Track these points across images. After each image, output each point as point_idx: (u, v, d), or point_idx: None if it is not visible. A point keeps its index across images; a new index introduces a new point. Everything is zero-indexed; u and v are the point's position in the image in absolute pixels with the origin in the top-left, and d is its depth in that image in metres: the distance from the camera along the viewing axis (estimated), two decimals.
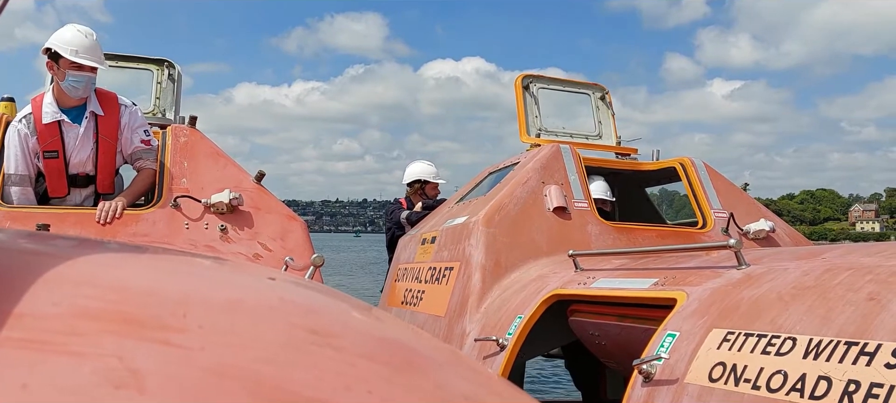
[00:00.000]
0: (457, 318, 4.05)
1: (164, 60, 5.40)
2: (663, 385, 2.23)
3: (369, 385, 0.55)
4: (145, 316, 0.54)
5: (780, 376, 1.85)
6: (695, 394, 2.08)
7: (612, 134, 5.96)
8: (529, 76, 5.92)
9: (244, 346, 0.54)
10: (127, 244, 0.77)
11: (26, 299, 0.53)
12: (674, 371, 2.22)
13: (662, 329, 2.41)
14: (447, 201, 5.98)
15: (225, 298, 0.63)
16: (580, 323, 3.36)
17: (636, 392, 2.33)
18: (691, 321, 2.32)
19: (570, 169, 4.72)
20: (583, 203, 4.55)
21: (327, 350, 0.57)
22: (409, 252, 5.47)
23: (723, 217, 4.77)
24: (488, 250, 4.16)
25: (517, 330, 3.37)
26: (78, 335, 0.50)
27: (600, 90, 6.11)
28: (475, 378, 0.68)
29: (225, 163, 4.79)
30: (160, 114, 5.20)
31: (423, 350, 0.68)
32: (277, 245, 4.62)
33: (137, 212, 4.47)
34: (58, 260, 0.60)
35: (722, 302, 2.29)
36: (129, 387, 0.46)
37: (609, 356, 3.34)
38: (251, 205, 4.64)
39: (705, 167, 5.11)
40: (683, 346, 2.25)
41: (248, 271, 0.80)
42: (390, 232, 6.55)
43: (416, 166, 6.72)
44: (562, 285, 3.38)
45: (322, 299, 0.72)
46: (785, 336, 1.93)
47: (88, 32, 4.07)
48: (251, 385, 0.50)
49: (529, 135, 5.66)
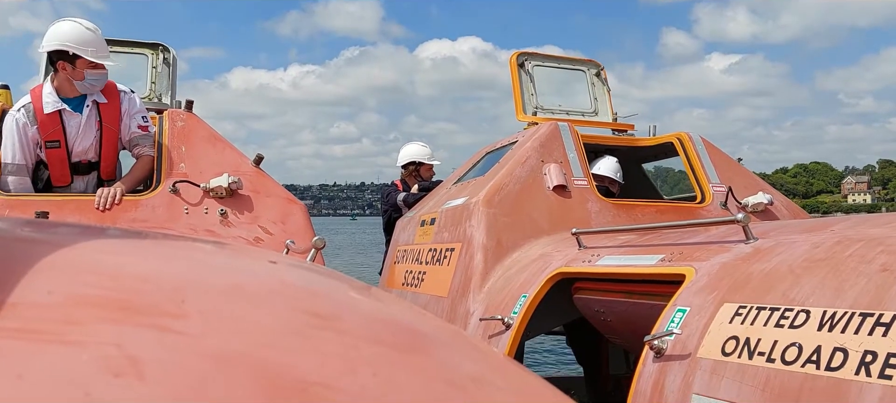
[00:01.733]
0: (460, 298, 4.05)
1: (159, 44, 5.34)
2: (675, 360, 2.24)
3: (374, 367, 0.54)
4: (143, 303, 0.53)
5: (795, 348, 1.85)
6: (708, 368, 2.09)
7: (608, 110, 5.95)
8: (524, 53, 5.89)
9: (245, 332, 0.53)
10: (123, 230, 0.75)
11: (20, 288, 0.51)
12: (685, 346, 2.22)
13: (672, 304, 2.41)
14: (444, 182, 5.96)
15: (225, 283, 0.62)
16: (585, 301, 3.37)
17: (647, 368, 2.34)
18: (701, 296, 2.33)
19: (569, 147, 4.71)
20: (582, 181, 4.55)
21: (330, 334, 0.57)
22: (408, 233, 5.46)
23: (721, 191, 4.78)
24: (489, 230, 4.16)
25: (522, 309, 3.38)
26: (74, 323, 0.49)
27: (595, 66, 6.09)
28: (480, 357, 0.67)
29: (223, 147, 4.75)
30: (156, 98, 5.15)
31: (427, 330, 0.67)
32: (278, 228, 4.61)
33: (136, 198, 4.44)
34: (53, 248, 0.59)
35: (732, 276, 2.30)
36: (128, 375, 0.45)
37: (614, 332, 3.35)
38: (250, 189, 4.62)
39: (702, 141, 5.12)
40: (694, 321, 2.26)
41: (248, 255, 0.78)
42: (387, 215, 6.53)
43: (411, 148, 6.69)
44: (566, 263, 3.38)
45: (324, 282, 0.71)
46: (798, 308, 1.94)
47: (95, 28, 4.09)
48: (253, 371, 0.49)
49: (525, 113, 5.64)
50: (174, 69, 5.31)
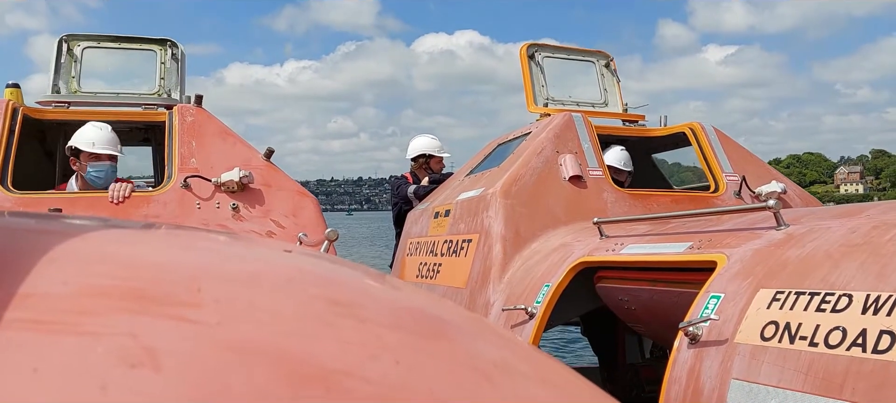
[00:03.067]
0: (479, 289, 4.06)
1: (167, 40, 5.33)
2: (711, 346, 2.25)
3: (396, 354, 0.53)
4: (158, 292, 0.52)
5: (839, 332, 1.87)
6: (747, 353, 2.11)
7: (617, 101, 5.96)
8: (534, 45, 5.89)
9: (264, 320, 0.52)
10: (137, 222, 0.74)
11: (34, 279, 0.50)
12: (722, 332, 2.24)
13: (705, 291, 2.43)
14: (455, 174, 5.97)
15: (241, 271, 0.60)
16: (608, 289, 3.38)
17: (682, 355, 2.36)
18: (736, 282, 2.34)
19: (584, 137, 4.73)
20: (597, 171, 4.57)
21: (350, 321, 0.55)
22: (421, 226, 5.47)
23: (734, 180, 4.80)
24: (508, 221, 4.17)
25: (545, 299, 3.39)
26: (89, 314, 0.48)
27: (605, 57, 6.10)
28: (503, 344, 0.66)
29: (234, 142, 4.76)
30: (165, 94, 5.14)
31: (448, 317, 0.66)
32: (290, 221, 4.62)
33: (148, 194, 4.46)
34: (65, 239, 0.58)
35: (766, 262, 2.31)
36: (144, 366, 0.44)
37: (638, 320, 3.37)
38: (261, 183, 4.63)
39: (715, 131, 5.13)
40: (730, 307, 2.27)
41: (262, 244, 0.76)
42: (397, 207, 6.53)
43: (420, 140, 6.69)
44: (588, 252, 3.40)
45: (341, 270, 0.70)
46: (840, 293, 1.96)
47: (103, 126, 4.50)
48: (274, 359, 0.48)
49: (537, 104, 5.64)
50: (183, 65, 5.30)
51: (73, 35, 5.26)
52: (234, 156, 4.61)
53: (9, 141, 4.29)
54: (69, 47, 5.22)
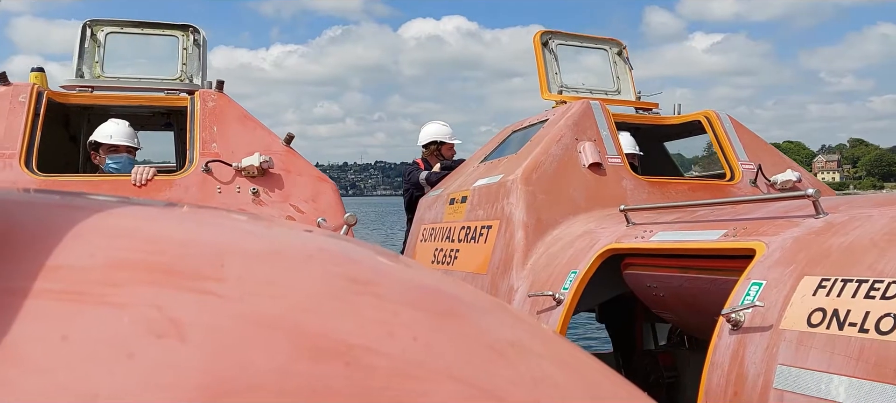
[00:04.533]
0: (501, 275, 4.09)
1: (189, 26, 5.38)
2: (755, 332, 2.28)
3: (413, 331, 0.54)
4: (182, 267, 0.53)
5: (890, 319, 1.90)
6: (793, 340, 2.14)
7: (630, 89, 5.98)
8: (548, 32, 5.89)
9: (284, 295, 0.53)
10: (161, 201, 0.74)
11: (62, 251, 0.52)
12: (765, 319, 2.27)
13: (746, 278, 2.46)
14: (468, 161, 5.98)
15: (262, 248, 0.62)
16: (636, 276, 3.41)
17: (723, 341, 2.39)
18: (778, 269, 2.37)
19: (602, 124, 4.75)
20: (616, 158, 4.59)
21: (369, 298, 0.56)
22: (436, 212, 5.48)
23: (750, 168, 4.84)
24: (529, 208, 4.19)
25: (573, 285, 3.42)
26: (115, 286, 0.49)
27: (617, 45, 6.11)
28: (518, 324, 0.67)
29: (254, 127, 4.78)
30: (187, 79, 5.17)
31: (464, 297, 0.67)
32: (309, 206, 4.65)
33: (170, 178, 4.48)
34: (92, 214, 0.59)
35: (808, 250, 2.34)
36: (169, 336, 0.46)
37: (666, 307, 3.40)
38: (281, 168, 4.66)
39: (730, 119, 5.16)
40: (773, 294, 2.30)
41: (283, 224, 0.78)
42: (409, 194, 6.55)
43: (432, 127, 6.70)
44: (616, 240, 3.42)
45: (359, 250, 0.72)
46: (889, 279, 1.99)
47: (121, 122, 4.68)
48: (294, 333, 0.49)
49: (551, 92, 5.66)
50: (204, 50, 5.32)
51: (97, 20, 5.29)
52: (254, 142, 4.63)
53: (33, 124, 4.31)
54: (93, 32, 5.26)
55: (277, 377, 0.46)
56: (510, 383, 0.54)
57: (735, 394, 2.28)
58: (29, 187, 3.95)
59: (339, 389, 0.47)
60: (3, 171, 4.06)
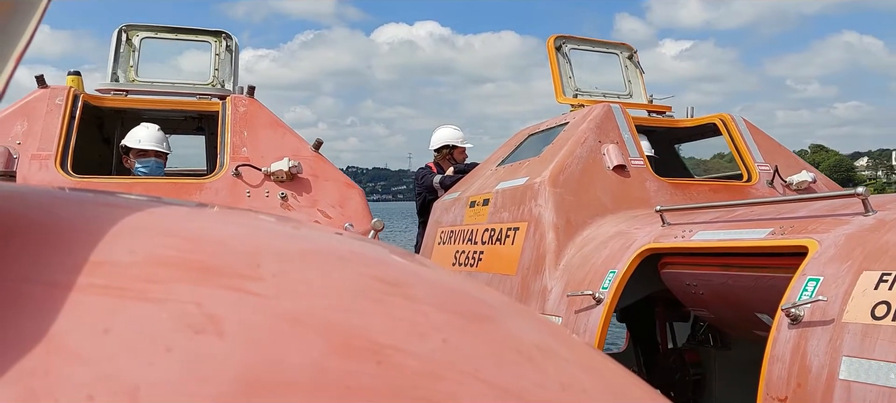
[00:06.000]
0: (533, 276, 4.15)
1: (222, 32, 5.45)
2: (816, 326, 2.37)
3: (443, 333, 0.55)
4: (220, 265, 0.55)
5: None
6: (857, 332, 2.23)
7: (641, 92, 6.09)
8: (561, 37, 5.99)
9: (318, 294, 0.55)
10: (197, 201, 0.75)
11: (104, 248, 0.53)
12: (826, 313, 2.36)
13: (801, 274, 2.54)
14: (482, 164, 6.04)
15: (296, 249, 0.63)
16: (674, 275, 3.50)
17: (783, 334, 2.47)
18: (834, 265, 2.46)
19: (623, 127, 4.84)
20: (639, 160, 4.68)
21: (399, 299, 0.58)
22: (454, 215, 5.53)
23: (766, 170, 4.95)
24: (558, 209, 4.26)
25: (613, 284, 3.50)
26: (155, 282, 0.51)
27: (628, 50, 6.22)
28: (544, 329, 0.68)
29: (284, 132, 4.84)
30: (219, 85, 5.24)
31: (490, 301, 0.68)
32: (336, 212, 4.71)
33: (200, 181, 4.53)
34: (133, 212, 0.61)
35: (864, 246, 2.43)
36: (208, 332, 0.48)
37: (705, 305, 3.49)
38: (310, 173, 4.71)
39: (744, 122, 5.28)
40: (832, 289, 2.39)
41: (315, 227, 0.82)
42: (422, 197, 6.60)
43: (444, 132, 6.76)
44: (654, 240, 3.50)
45: (389, 253, 0.73)
46: None
47: (151, 126, 4.74)
48: (326, 331, 0.51)
49: (566, 95, 5.75)
50: (236, 56, 5.39)
51: (132, 25, 5.35)
52: (283, 147, 4.69)
53: (69, 126, 4.36)
54: (128, 37, 5.30)
55: (311, 373, 0.48)
56: (537, 386, 0.56)
57: (798, 386, 2.36)
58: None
59: (371, 387, 0.48)
60: (40, 172, 4.08)
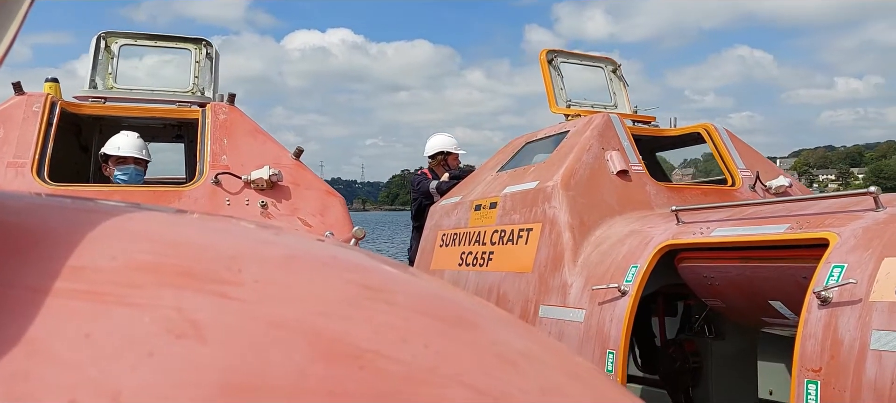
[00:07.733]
0: (551, 272, 4.46)
1: (202, 39, 5.45)
2: (845, 306, 2.74)
3: (425, 338, 0.56)
4: (201, 270, 0.55)
5: None
6: (884, 309, 2.61)
7: (625, 103, 6.50)
8: (553, 51, 6.35)
9: (300, 300, 0.55)
10: (177, 208, 0.81)
11: (84, 253, 0.54)
12: (854, 294, 2.74)
13: (825, 262, 2.92)
14: (479, 170, 6.34)
15: (277, 254, 0.64)
16: (692, 268, 3.86)
17: (814, 315, 2.84)
18: (856, 254, 2.84)
19: (622, 136, 5.21)
20: (638, 166, 5.06)
21: (381, 305, 0.58)
22: (456, 218, 5.80)
23: (748, 175, 5.41)
24: (572, 210, 4.59)
25: (636, 278, 3.83)
26: (136, 287, 0.51)
27: (612, 64, 6.63)
28: (529, 336, 0.69)
29: (264, 140, 4.90)
30: (199, 92, 5.26)
31: (473, 307, 0.69)
32: (317, 220, 4.76)
33: (179, 189, 4.56)
34: (110, 218, 0.61)
35: (881, 237, 2.83)
36: (189, 337, 0.48)
37: (720, 295, 3.86)
38: (290, 181, 4.75)
39: (726, 132, 5.74)
40: (857, 274, 2.77)
41: (296, 233, 0.84)
42: (418, 203, 6.83)
43: (438, 139, 7.02)
44: (672, 236, 3.86)
45: (371, 259, 0.74)
46: None
47: (130, 134, 4.76)
48: (309, 337, 0.51)
49: (559, 106, 6.10)
50: (216, 64, 5.41)
51: (111, 32, 5.32)
52: (264, 154, 4.73)
53: (46, 134, 4.34)
54: (107, 44, 5.26)
55: (293, 377, 0.48)
56: (519, 391, 0.56)
57: (832, 357, 2.73)
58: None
59: (353, 391, 0.48)
60: (16, 180, 4.05)
